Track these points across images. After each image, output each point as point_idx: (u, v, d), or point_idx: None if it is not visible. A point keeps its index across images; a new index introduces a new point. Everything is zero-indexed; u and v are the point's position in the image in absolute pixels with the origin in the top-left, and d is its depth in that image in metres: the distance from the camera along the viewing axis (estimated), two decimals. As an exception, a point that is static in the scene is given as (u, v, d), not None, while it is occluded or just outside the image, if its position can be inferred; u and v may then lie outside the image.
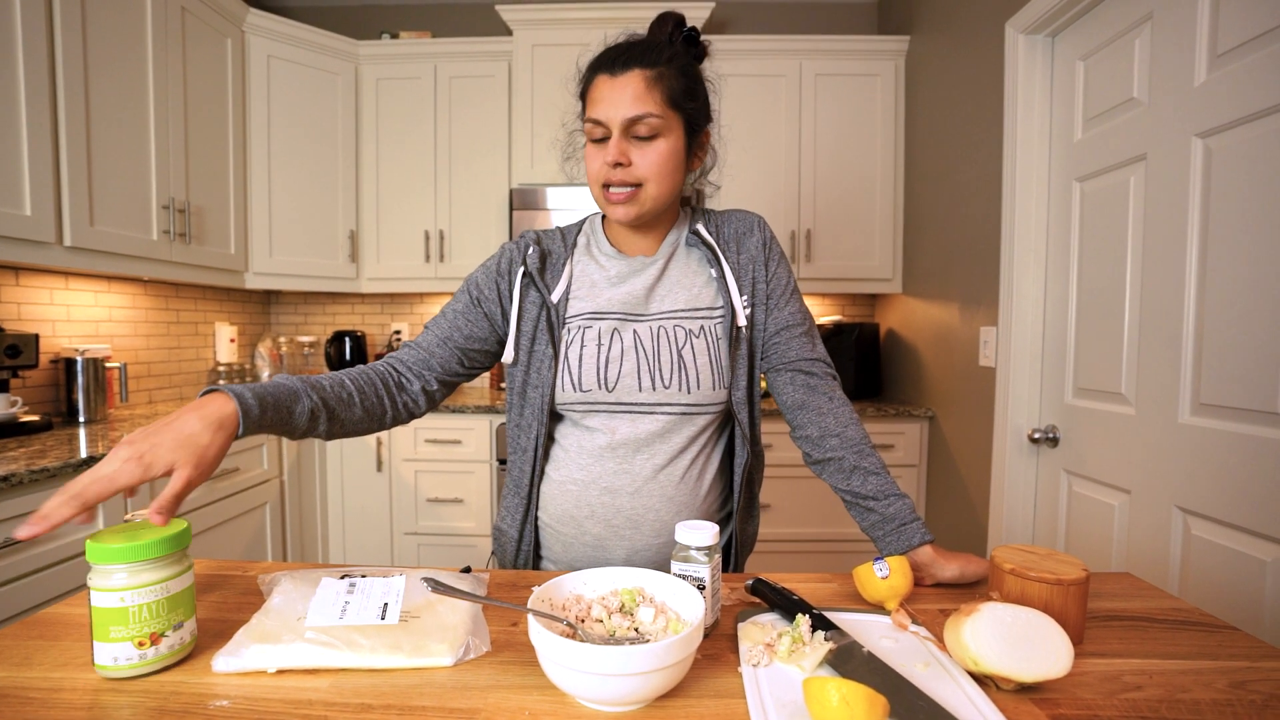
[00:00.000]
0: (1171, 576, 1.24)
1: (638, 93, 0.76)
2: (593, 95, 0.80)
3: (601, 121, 0.78)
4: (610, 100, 0.77)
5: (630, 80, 0.77)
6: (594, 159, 0.81)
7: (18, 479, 1.17)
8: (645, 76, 0.77)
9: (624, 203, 0.80)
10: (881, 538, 0.80)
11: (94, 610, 0.54)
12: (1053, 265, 1.62)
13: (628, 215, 0.81)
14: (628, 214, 0.81)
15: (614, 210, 0.81)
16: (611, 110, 0.77)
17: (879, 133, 2.46)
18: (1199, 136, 1.18)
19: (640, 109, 0.76)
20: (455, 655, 0.57)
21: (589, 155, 0.82)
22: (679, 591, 0.59)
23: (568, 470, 0.85)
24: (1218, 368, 1.14)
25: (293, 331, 2.93)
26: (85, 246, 1.63)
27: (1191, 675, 0.56)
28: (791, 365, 0.88)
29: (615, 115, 0.77)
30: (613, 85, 0.77)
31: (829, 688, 0.46)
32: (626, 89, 0.76)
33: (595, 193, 0.82)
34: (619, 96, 0.77)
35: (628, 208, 0.80)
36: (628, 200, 0.80)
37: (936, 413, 2.19)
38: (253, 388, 0.67)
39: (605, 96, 0.78)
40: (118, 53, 1.74)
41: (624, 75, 0.77)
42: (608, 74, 0.78)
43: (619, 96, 0.77)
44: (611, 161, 0.77)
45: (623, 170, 0.78)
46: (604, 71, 0.79)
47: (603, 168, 0.79)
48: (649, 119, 0.77)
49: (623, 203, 0.80)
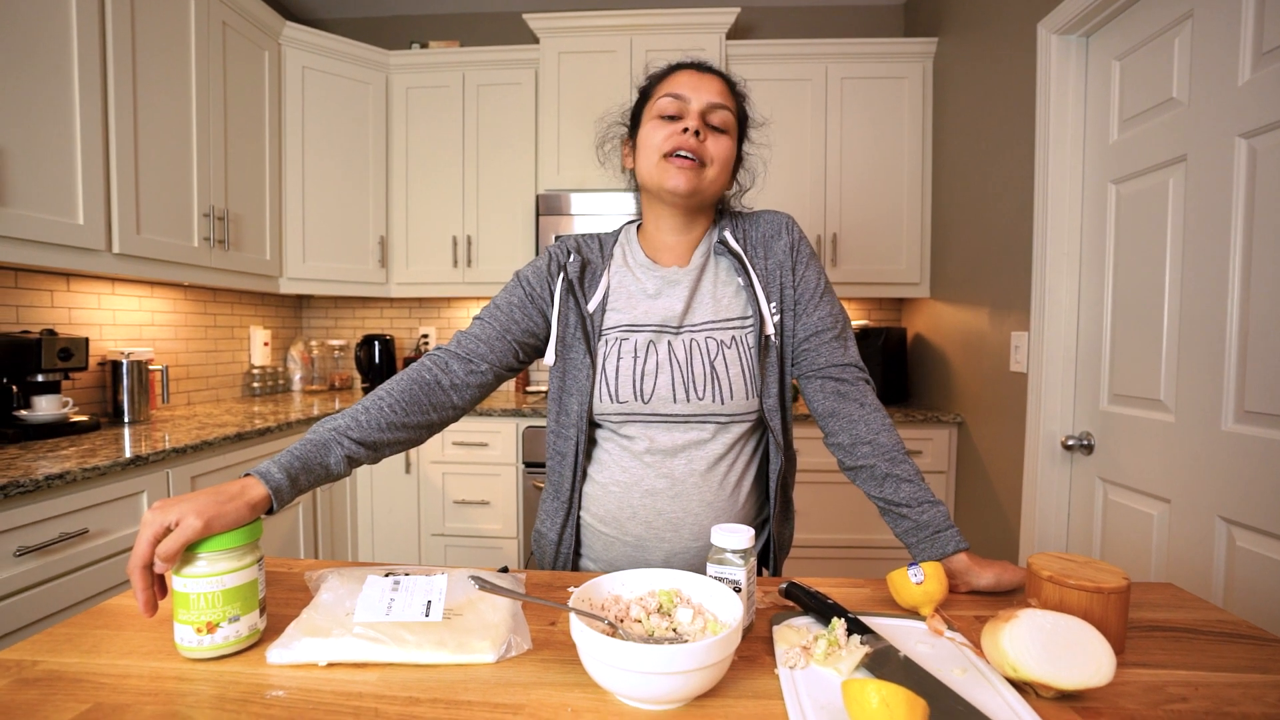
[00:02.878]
0: (1215, 588, 1.21)
1: (721, 89, 0.85)
2: (672, 81, 0.86)
3: (683, 97, 0.83)
4: (695, 86, 0.84)
5: (714, 80, 0.86)
6: (661, 130, 0.84)
7: (71, 476, 1.22)
8: (725, 84, 0.87)
9: (688, 170, 0.82)
10: (915, 545, 0.79)
11: (171, 589, 0.59)
12: (1087, 269, 1.59)
13: (688, 184, 0.82)
14: (689, 183, 0.82)
15: (675, 177, 0.82)
16: (696, 93, 0.83)
17: (906, 136, 2.44)
18: (1243, 137, 1.16)
19: (722, 99, 0.84)
20: (498, 652, 0.58)
21: (654, 128, 0.84)
22: (716, 593, 0.60)
23: (611, 472, 0.86)
24: (1263, 374, 1.11)
25: (323, 335, 3.00)
26: (132, 254, 1.69)
27: (1240, 689, 0.55)
28: (822, 372, 0.87)
29: (700, 98, 0.83)
30: (699, 77, 0.85)
31: (869, 690, 0.46)
32: (713, 84, 0.85)
33: (652, 163, 0.84)
34: (705, 85, 0.84)
35: (690, 176, 0.82)
36: (692, 169, 0.82)
37: (966, 418, 2.16)
38: (280, 461, 0.68)
39: (691, 84, 0.84)
40: (163, 68, 1.81)
41: (708, 75, 0.86)
42: (693, 70, 0.86)
43: (705, 85, 0.84)
44: (694, 127, 0.81)
45: (697, 141, 0.82)
46: (688, 69, 0.86)
47: (673, 135, 0.82)
48: (726, 111, 0.84)
49: (687, 170, 0.82)
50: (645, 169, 0.85)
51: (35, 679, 0.54)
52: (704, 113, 0.83)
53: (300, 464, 0.70)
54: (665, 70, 0.88)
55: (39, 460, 1.30)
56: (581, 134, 2.45)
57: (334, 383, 2.85)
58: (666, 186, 0.83)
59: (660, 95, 0.85)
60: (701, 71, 0.85)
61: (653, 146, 0.84)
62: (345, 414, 0.76)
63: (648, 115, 0.86)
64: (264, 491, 0.65)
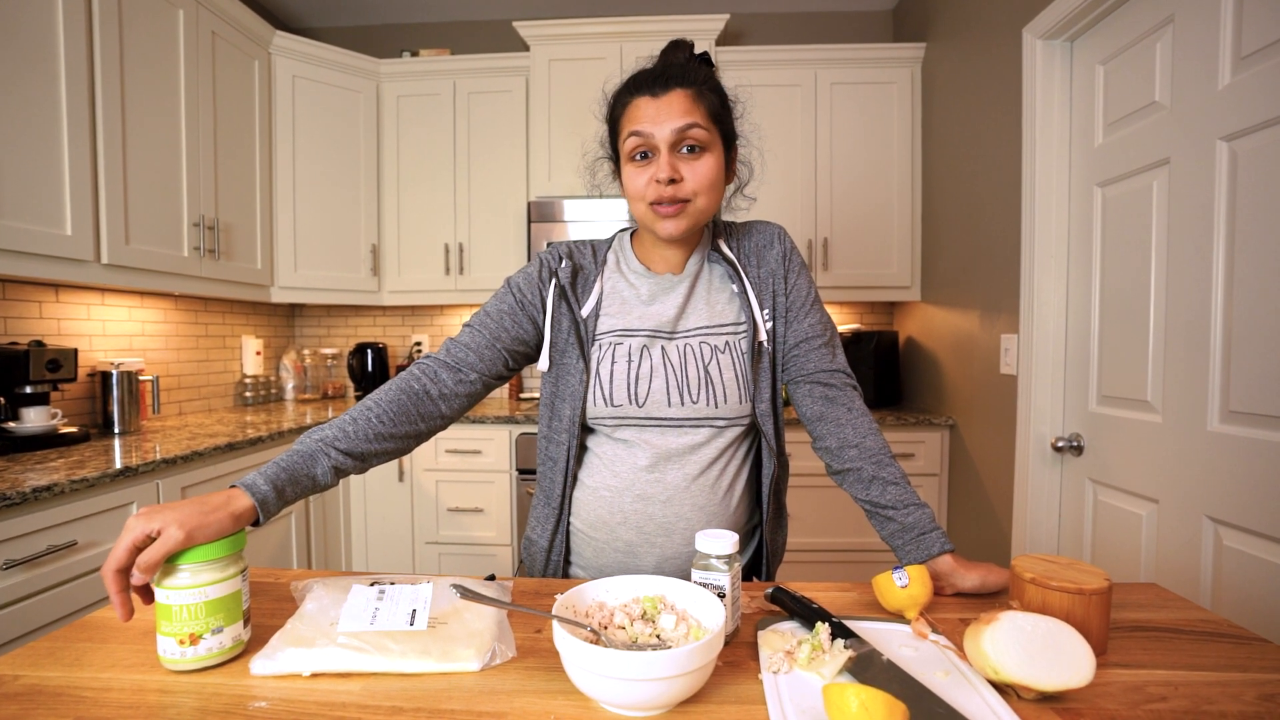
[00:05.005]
0: (1203, 588, 1.22)
1: (685, 107, 0.78)
2: (632, 115, 0.80)
3: (646, 134, 0.78)
4: (656, 117, 0.78)
5: (674, 98, 0.78)
6: (638, 177, 0.80)
7: (59, 488, 1.21)
8: (688, 94, 0.79)
9: (675, 217, 0.80)
10: (901, 547, 0.80)
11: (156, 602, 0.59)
12: (1074, 272, 1.60)
13: (679, 229, 0.81)
14: (679, 228, 0.81)
15: (665, 225, 0.80)
16: (658, 126, 0.78)
17: (895, 141, 2.46)
18: (1224, 140, 1.17)
19: (688, 119, 0.78)
20: (482, 660, 0.58)
21: (631, 175, 0.81)
22: (700, 599, 0.60)
23: (601, 477, 0.86)
24: (1248, 374, 1.12)
25: (316, 344, 2.99)
26: (121, 264, 1.69)
27: (1219, 687, 0.55)
28: (810, 377, 0.88)
29: (663, 131, 0.78)
30: (657, 104, 0.78)
31: (848, 694, 0.47)
32: (673, 105, 0.78)
33: (640, 210, 0.82)
34: (665, 113, 0.78)
35: (679, 221, 0.80)
36: (679, 214, 0.80)
37: (957, 421, 2.16)
38: (266, 473, 0.68)
39: (650, 115, 0.78)
40: (152, 77, 1.81)
41: (666, 95, 0.79)
42: (649, 95, 0.79)
43: (665, 113, 0.78)
44: (665, 178, 0.77)
45: (675, 187, 0.78)
46: (644, 93, 0.80)
47: (650, 185, 0.79)
48: (696, 130, 0.78)
49: (674, 217, 0.80)
50: (636, 214, 0.84)
51: (15, 694, 0.54)
52: (674, 143, 0.78)
53: (287, 475, 0.70)
54: (623, 98, 0.83)
55: (27, 472, 1.29)
56: (573, 141, 2.45)
57: (327, 391, 2.84)
58: (660, 235, 0.82)
59: (626, 134, 0.81)
60: (658, 95, 0.79)
61: (635, 195, 0.81)
62: (332, 424, 0.76)
63: (622, 153, 0.83)
64: (249, 503, 0.65)
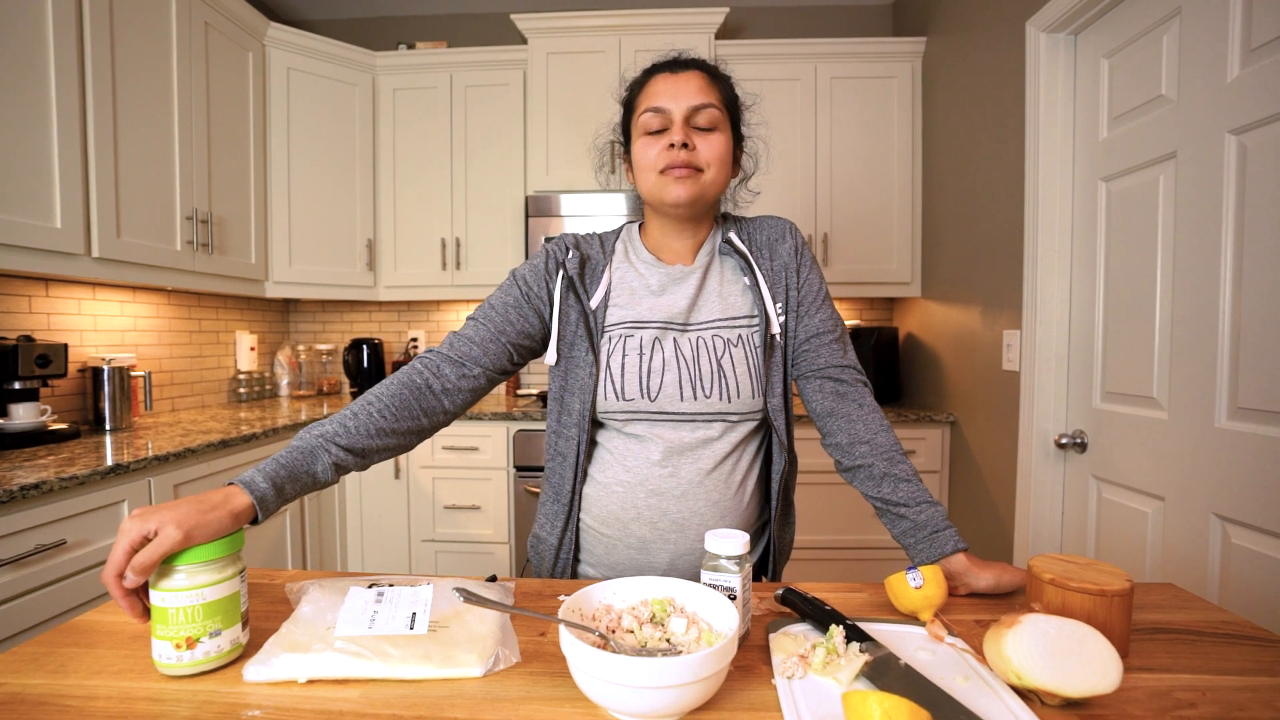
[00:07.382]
0: (1210, 586, 1.21)
1: (701, 86, 0.82)
2: (651, 90, 0.83)
3: (664, 109, 0.81)
4: (673, 92, 0.81)
5: (692, 77, 0.82)
6: (651, 147, 0.82)
7: (48, 486, 1.18)
8: (704, 76, 0.83)
9: (685, 180, 0.80)
10: (913, 545, 0.78)
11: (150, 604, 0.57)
12: (1078, 267, 1.59)
13: (688, 194, 0.81)
14: (688, 192, 0.81)
15: (674, 189, 0.81)
16: (675, 100, 0.81)
17: (896, 135, 2.44)
18: (1232, 133, 1.16)
19: (704, 98, 0.81)
20: (485, 666, 0.56)
21: (643, 146, 0.83)
22: (711, 602, 0.58)
23: (614, 472, 0.84)
24: (1256, 370, 1.11)
25: (311, 339, 2.96)
26: (112, 258, 1.66)
27: (1248, 693, 0.53)
28: (821, 372, 0.87)
29: (680, 104, 0.80)
30: (675, 80, 0.82)
31: (870, 702, 0.45)
32: (690, 82, 0.82)
33: (649, 181, 0.83)
34: (683, 88, 0.81)
35: (688, 186, 0.81)
36: (689, 179, 0.81)
37: (959, 418, 2.15)
38: (265, 470, 0.66)
39: (667, 89, 0.81)
40: (144, 68, 1.77)
41: (685, 73, 0.82)
42: (669, 72, 0.83)
43: (683, 88, 0.81)
44: (679, 142, 0.79)
45: (689, 153, 0.80)
46: (664, 71, 0.83)
47: (663, 153, 0.81)
48: (710, 109, 0.81)
49: (684, 180, 0.80)
50: (644, 186, 0.85)
51: (-3, 702, 0.51)
52: (688, 117, 0.80)
53: (286, 472, 0.67)
54: (642, 77, 0.86)
55: (15, 470, 1.26)
56: (571, 135, 2.43)
57: (322, 387, 2.81)
58: (668, 200, 0.82)
59: (642, 110, 0.83)
60: (676, 71, 0.83)
61: (646, 165, 0.83)
62: (333, 420, 0.73)
63: (635, 131, 0.85)
64: (248, 501, 0.63)
